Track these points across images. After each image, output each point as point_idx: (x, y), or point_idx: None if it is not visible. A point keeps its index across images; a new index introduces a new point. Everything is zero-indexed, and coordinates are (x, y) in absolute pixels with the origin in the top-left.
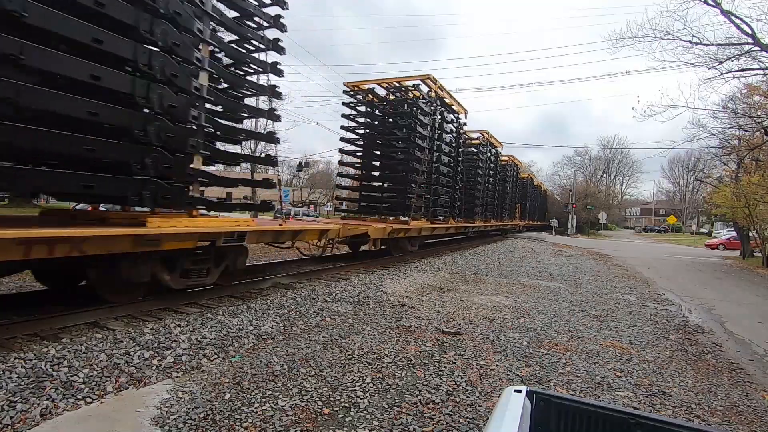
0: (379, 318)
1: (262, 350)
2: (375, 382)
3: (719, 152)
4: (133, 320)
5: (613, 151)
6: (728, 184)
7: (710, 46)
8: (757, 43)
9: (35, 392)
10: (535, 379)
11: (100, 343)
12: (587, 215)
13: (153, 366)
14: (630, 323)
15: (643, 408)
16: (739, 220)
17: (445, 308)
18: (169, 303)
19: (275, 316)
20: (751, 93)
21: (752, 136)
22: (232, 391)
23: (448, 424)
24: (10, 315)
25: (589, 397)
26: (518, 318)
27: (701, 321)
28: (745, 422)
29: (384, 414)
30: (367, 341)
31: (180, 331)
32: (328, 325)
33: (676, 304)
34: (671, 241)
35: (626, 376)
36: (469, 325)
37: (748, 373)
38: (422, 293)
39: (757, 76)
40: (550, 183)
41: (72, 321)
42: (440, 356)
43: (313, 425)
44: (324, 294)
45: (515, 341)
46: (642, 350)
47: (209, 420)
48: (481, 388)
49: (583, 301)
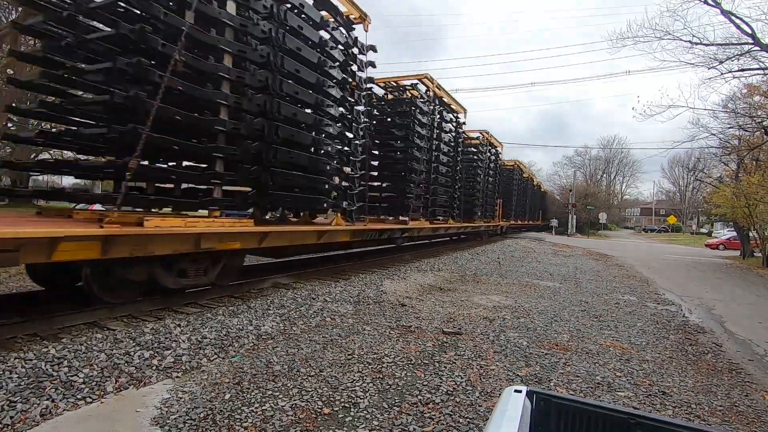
0: (379, 318)
1: (262, 350)
2: (375, 382)
3: (719, 152)
4: (133, 320)
5: (613, 151)
6: (728, 184)
7: (710, 46)
8: (757, 43)
9: (35, 392)
10: (535, 379)
11: (100, 343)
12: (587, 215)
13: (153, 366)
14: (630, 323)
15: (643, 408)
16: (739, 220)
17: (445, 308)
18: (169, 303)
19: (275, 316)
20: (751, 93)
21: (752, 136)
22: (232, 391)
23: (448, 424)
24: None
25: (589, 397)
26: (518, 318)
27: (701, 321)
28: (745, 422)
29: (384, 414)
30: (367, 341)
31: (180, 331)
32: (328, 325)
33: (676, 304)
34: (671, 241)
35: (626, 376)
36: (469, 325)
37: (748, 373)
38: (422, 293)
39: (757, 76)
40: (550, 183)
41: (72, 321)
42: (440, 356)
43: (313, 425)
44: (324, 294)
45: (515, 341)
46: (642, 350)
47: (209, 420)
48: (481, 388)
49: (583, 301)
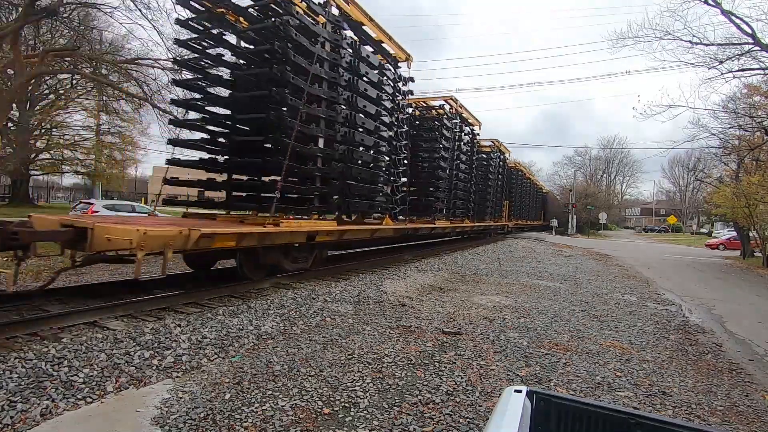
0: (379, 318)
1: (262, 350)
2: (375, 382)
3: (719, 152)
4: (133, 320)
5: (613, 151)
6: (728, 184)
7: (710, 46)
8: (757, 43)
9: (35, 392)
10: (536, 379)
11: (100, 343)
12: (587, 215)
13: (153, 366)
14: (630, 323)
15: (643, 408)
16: (740, 220)
17: (445, 308)
18: (169, 303)
19: (275, 316)
20: (751, 93)
21: (752, 136)
22: (233, 391)
23: (448, 424)
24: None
25: (590, 397)
26: (518, 318)
27: (701, 321)
28: (745, 422)
29: (384, 414)
30: (367, 341)
31: (180, 331)
32: (328, 325)
33: (676, 304)
34: (671, 241)
35: (626, 376)
36: (469, 325)
37: (748, 373)
38: (422, 293)
39: (757, 76)
40: (550, 183)
41: (72, 321)
42: (440, 356)
43: (313, 425)
44: (324, 294)
45: (515, 341)
46: (642, 350)
47: (209, 420)
48: (481, 388)
49: (583, 301)
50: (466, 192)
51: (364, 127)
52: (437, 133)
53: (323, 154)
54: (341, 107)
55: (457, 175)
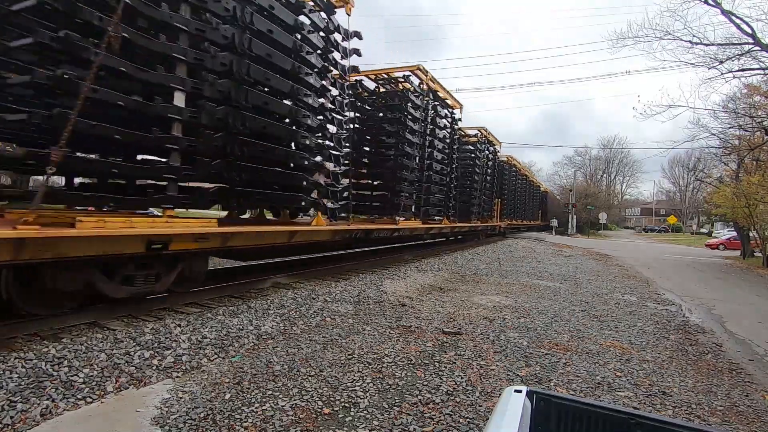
0: (380, 318)
1: (262, 350)
2: (375, 382)
3: (719, 152)
4: (133, 320)
5: (613, 151)
6: (728, 184)
7: (710, 46)
8: (757, 43)
9: (35, 392)
10: (536, 379)
11: (100, 343)
12: (587, 215)
13: (153, 366)
14: (630, 323)
15: (643, 408)
16: (740, 220)
17: (445, 308)
18: (169, 303)
19: (275, 316)
20: (751, 93)
21: (752, 136)
22: (233, 391)
23: (448, 424)
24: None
25: (590, 397)
26: (518, 318)
27: (701, 321)
28: (745, 422)
29: (384, 414)
30: (367, 341)
31: (180, 331)
32: (328, 325)
33: (676, 304)
34: (671, 241)
35: (626, 376)
36: (469, 325)
37: (749, 373)
38: (422, 293)
39: (757, 76)
40: (550, 183)
41: (72, 321)
42: (440, 356)
43: (313, 425)
44: (324, 294)
45: (515, 341)
46: (642, 350)
47: (209, 420)
48: (482, 388)
49: (583, 301)
50: (444, 186)
51: (269, 86)
52: (402, 113)
53: (182, 116)
54: (216, 49)
55: (430, 166)
